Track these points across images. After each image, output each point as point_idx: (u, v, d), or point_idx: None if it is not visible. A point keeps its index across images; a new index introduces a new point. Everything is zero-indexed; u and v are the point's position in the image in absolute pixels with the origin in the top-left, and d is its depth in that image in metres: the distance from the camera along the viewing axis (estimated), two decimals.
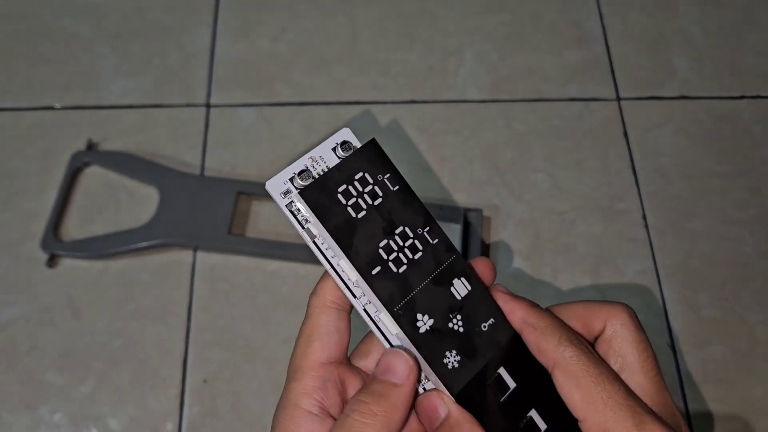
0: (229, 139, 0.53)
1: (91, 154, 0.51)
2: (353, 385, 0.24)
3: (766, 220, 0.51)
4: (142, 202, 0.50)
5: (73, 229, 0.49)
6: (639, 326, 0.24)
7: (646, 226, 0.50)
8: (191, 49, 0.57)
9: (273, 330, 0.46)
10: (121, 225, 0.49)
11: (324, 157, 0.25)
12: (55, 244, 0.48)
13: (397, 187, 0.25)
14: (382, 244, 0.24)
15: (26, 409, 0.43)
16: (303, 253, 0.47)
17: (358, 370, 0.25)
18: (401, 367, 0.23)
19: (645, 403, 0.22)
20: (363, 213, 0.24)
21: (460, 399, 0.23)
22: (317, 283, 0.25)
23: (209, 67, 0.56)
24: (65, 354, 0.45)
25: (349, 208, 0.24)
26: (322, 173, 0.24)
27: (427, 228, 0.25)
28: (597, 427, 0.21)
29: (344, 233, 0.24)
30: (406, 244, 0.24)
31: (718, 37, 0.59)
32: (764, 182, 0.52)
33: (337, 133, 0.24)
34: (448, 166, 0.52)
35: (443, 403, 0.23)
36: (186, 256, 0.48)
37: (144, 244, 0.47)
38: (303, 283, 0.48)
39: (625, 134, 0.54)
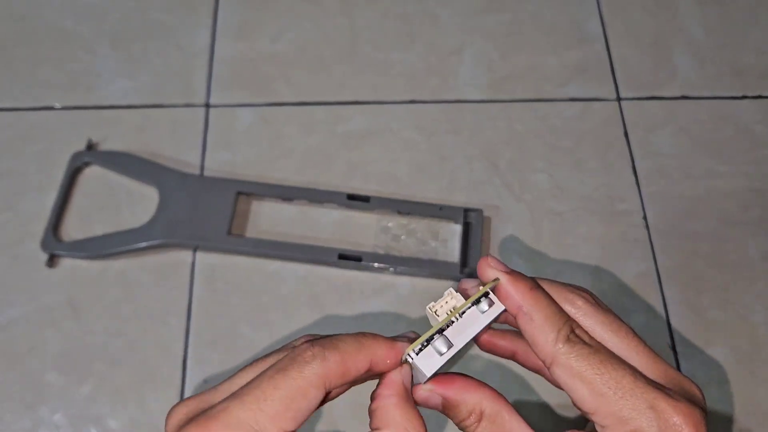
0: (229, 139, 0.53)
1: (90, 154, 0.51)
2: None
3: None
4: (141, 202, 0.50)
5: (73, 229, 0.49)
6: (600, 307, 0.23)
7: (647, 226, 0.50)
8: (191, 50, 0.57)
9: (273, 330, 0.46)
10: (120, 225, 0.49)
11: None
12: (55, 244, 0.48)
13: None
14: None
15: (26, 410, 0.43)
16: (303, 253, 0.47)
17: None
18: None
19: (650, 379, 0.22)
20: None
21: None
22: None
23: (209, 68, 0.56)
24: (65, 354, 0.45)
25: None
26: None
27: None
28: (611, 417, 0.21)
29: None
30: None
31: (719, 37, 0.58)
32: (767, 183, 0.52)
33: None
34: (448, 166, 0.52)
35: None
36: (186, 256, 0.48)
37: (144, 244, 0.47)
38: (303, 283, 0.47)
39: (626, 134, 0.54)
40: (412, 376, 0.24)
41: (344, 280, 0.47)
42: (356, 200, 0.49)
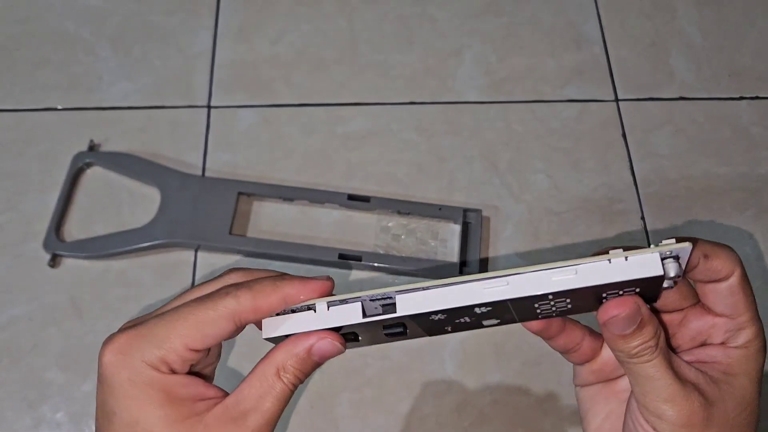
0: (230, 140, 0.53)
1: (92, 154, 0.51)
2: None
3: (765, 221, 0.51)
4: (143, 203, 0.50)
5: (75, 229, 0.50)
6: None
7: (645, 227, 0.51)
8: (192, 51, 0.57)
9: None
10: (122, 225, 0.49)
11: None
12: (57, 244, 0.48)
13: None
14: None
15: (28, 408, 0.44)
16: (303, 253, 0.47)
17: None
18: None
19: None
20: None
21: None
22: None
23: (210, 69, 0.56)
24: (67, 353, 0.45)
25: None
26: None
27: None
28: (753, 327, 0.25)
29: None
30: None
31: (716, 39, 0.59)
32: (763, 183, 0.53)
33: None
34: (447, 166, 0.53)
35: (639, 308, 0.24)
36: (187, 256, 0.49)
37: (145, 244, 0.47)
38: None
39: (624, 135, 0.54)
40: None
41: (344, 279, 0.48)
42: (356, 200, 0.49)
